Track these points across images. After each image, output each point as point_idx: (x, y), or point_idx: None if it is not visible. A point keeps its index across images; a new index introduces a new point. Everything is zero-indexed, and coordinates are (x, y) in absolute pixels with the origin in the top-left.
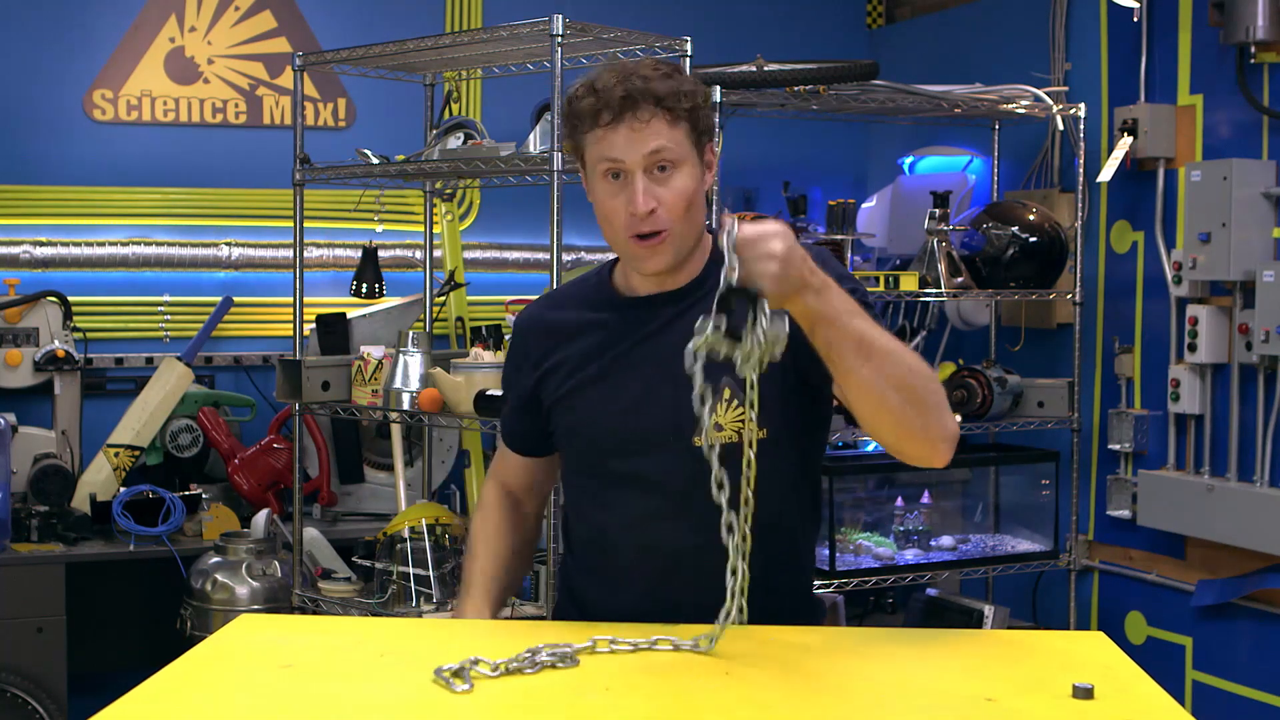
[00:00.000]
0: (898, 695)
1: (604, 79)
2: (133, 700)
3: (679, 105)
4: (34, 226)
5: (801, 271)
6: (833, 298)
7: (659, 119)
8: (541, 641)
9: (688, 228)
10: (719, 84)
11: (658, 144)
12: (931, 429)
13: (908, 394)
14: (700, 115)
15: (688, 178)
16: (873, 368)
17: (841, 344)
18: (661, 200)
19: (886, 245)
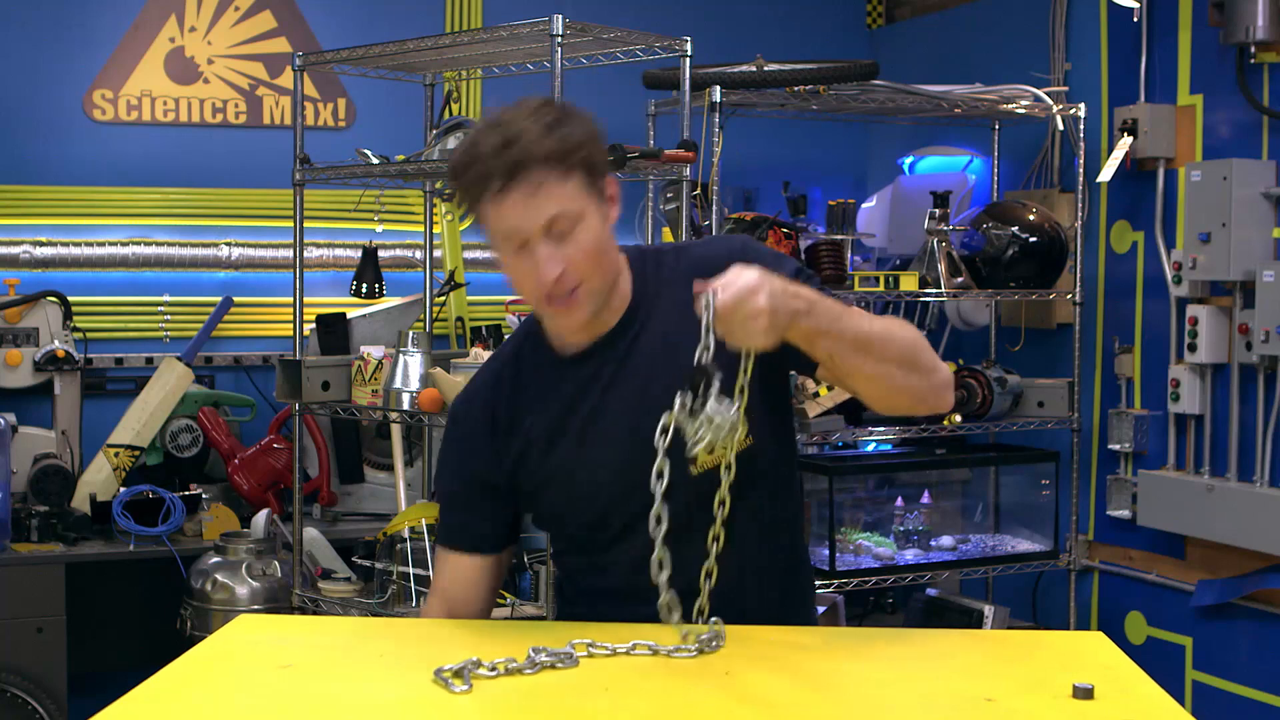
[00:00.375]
0: (898, 695)
1: (486, 141)
2: (133, 700)
3: (568, 160)
4: (34, 226)
5: (789, 306)
6: (821, 310)
7: (550, 180)
8: (541, 641)
9: (601, 276)
10: (719, 84)
11: (554, 210)
12: (936, 382)
13: (909, 364)
14: (592, 159)
15: (591, 230)
16: (874, 358)
17: (842, 349)
18: (568, 260)
19: (886, 245)
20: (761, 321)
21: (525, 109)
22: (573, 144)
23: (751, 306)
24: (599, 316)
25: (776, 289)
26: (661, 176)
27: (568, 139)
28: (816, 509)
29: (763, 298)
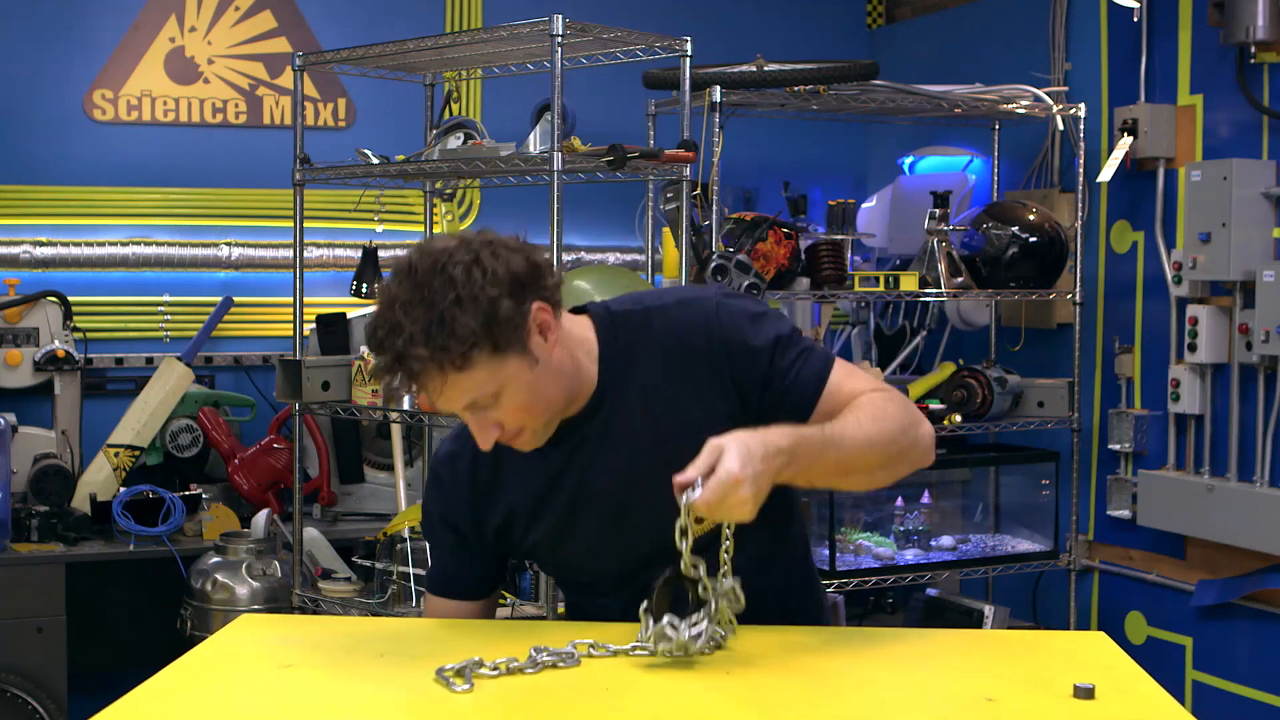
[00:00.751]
0: (898, 695)
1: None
2: (133, 700)
3: (461, 352)
4: (34, 226)
5: (771, 472)
6: (801, 452)
7: (450, 376)
8: (541, 641)
9: (543, 414)
10: (719, 84)
11: (466, 399)
12: (916, 458)
13: (891, 461)
14: (496, 326)
15: (516, 389)
16: (855, 476)
17: (823, 478)
18: (501, 422)
19: (886, 245)
20: (745, 509)
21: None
22: (470, 332)
23: (734, 499)
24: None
25: (758, 470)
26: (661, 176)
27: (458, 334)
28: (816, 509)
29: (746, 489)
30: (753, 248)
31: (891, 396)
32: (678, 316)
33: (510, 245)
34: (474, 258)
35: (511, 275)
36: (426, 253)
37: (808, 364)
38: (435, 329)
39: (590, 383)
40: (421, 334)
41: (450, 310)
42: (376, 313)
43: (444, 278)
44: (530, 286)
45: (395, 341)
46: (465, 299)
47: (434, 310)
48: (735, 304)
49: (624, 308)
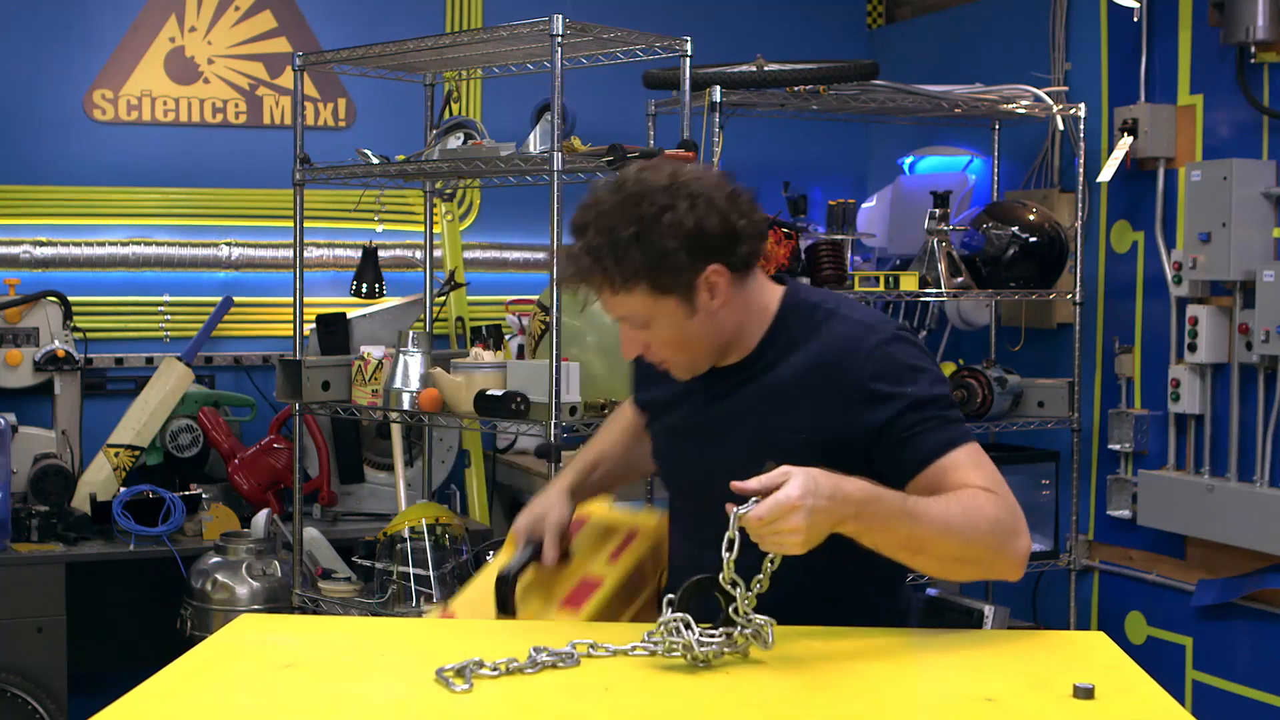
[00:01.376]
0: (898, 695)
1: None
2: (133, 700)
3: (626, 280)
4: (34, 226)
5: (834, 515)
6: (872, 511)
7: (607, 293)
8: (541, 641)
9: (693, 355)
10: (719, 84)
11: (621, 313)
12: (1000, 568)
13: (967, 559)
14: (663, 270)
15: (668, 328)
16: (925, 558)
17: (890, 547)
18: (646, 344)
19: (886, 245)
20: (796, 539)
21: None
22: (631, 270)
23: (786, 524)
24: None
25: (818, 506)
26: None
27: (626, 264)
28: None
29: (799, 518)
30: None
31: (999, 501)
32: (845, 334)
33: (717, 203)
34: (672, 204)
35: (699, 233)
36: (641, 179)
37: (932, 433)
38: (608, 250)
39: (749, 347)
40: (596, 248)
41: (627, 242)
42: (583, 204)
43: (637, 211)
44: (715, 249)
45: (576, 242)
46: (644, 237)
47: (615, 234)
48: (900, 349)
49: (813, 300)
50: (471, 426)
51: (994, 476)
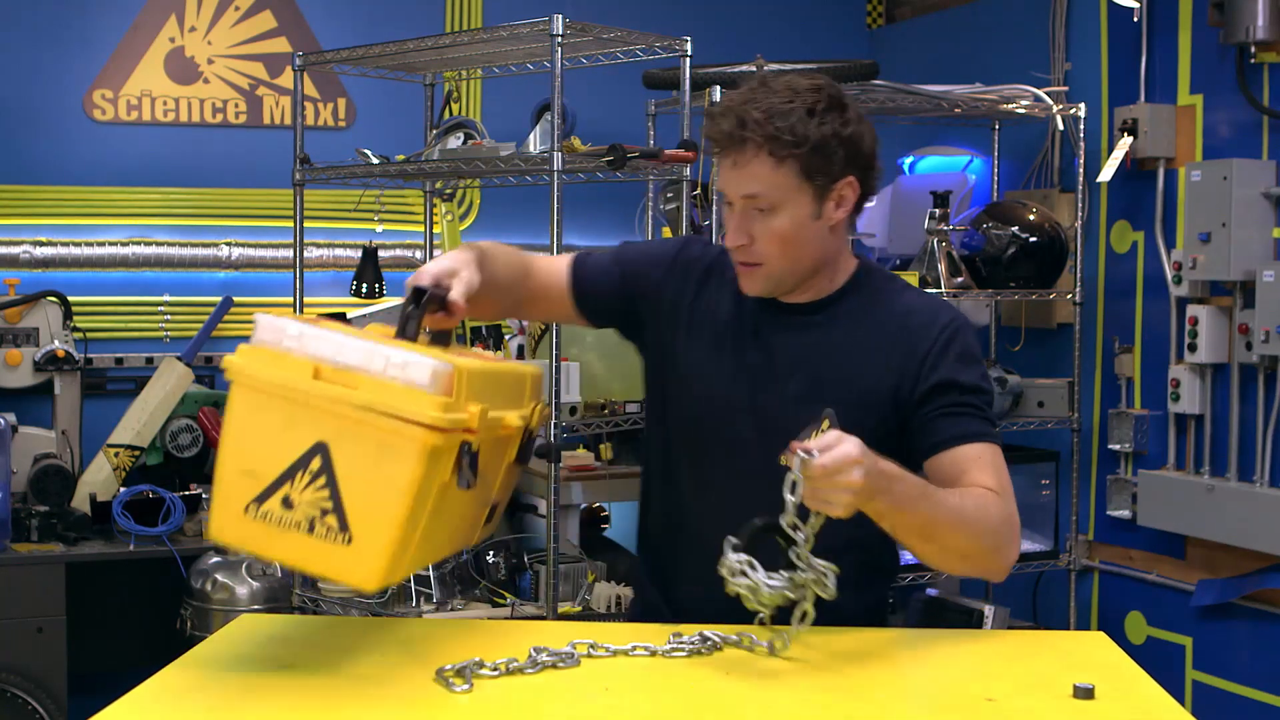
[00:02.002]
0: (898, 695)
1: (730, 98)
2: (133, 700)
3: (786, 147)
4: (34, 226)
5: (874, 486)
6: (899, 490)
7: (760, 159)
8: (541, 641)
9: (786, 263)
10: (719, 84)
11: (754, 188)
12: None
13: (967, 554)
14: (820, 156)
15: (788, 219)
16: (934, 546)
17: (906, 529)
18: (756, 237)
19: (886, 245)
20: (849, 496)
21: (792, 87)
22: (798, 137)
23: (846, 479)
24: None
25: (872, 467)
26: (662, 176)
27: (795, 131)
28: None
29: (859, 473)
30: None
31: (1005, 508)
32: (923, 303)
33: (871, 129)
34: (846, 108)
35: (858, 143)
36: (822, 81)
37: (970, 419)
38: (782, 119)
39: (830, 288)
40: (772, 111)
41: (803, 118)
42: (759, 78)
43: (817, 97)
44: (862, 166)
45: (750, 103)
46: (815, 121)
47: (795, 112)
48: (967, 337)
49: (887, 273)
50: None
51: (1006, 483)
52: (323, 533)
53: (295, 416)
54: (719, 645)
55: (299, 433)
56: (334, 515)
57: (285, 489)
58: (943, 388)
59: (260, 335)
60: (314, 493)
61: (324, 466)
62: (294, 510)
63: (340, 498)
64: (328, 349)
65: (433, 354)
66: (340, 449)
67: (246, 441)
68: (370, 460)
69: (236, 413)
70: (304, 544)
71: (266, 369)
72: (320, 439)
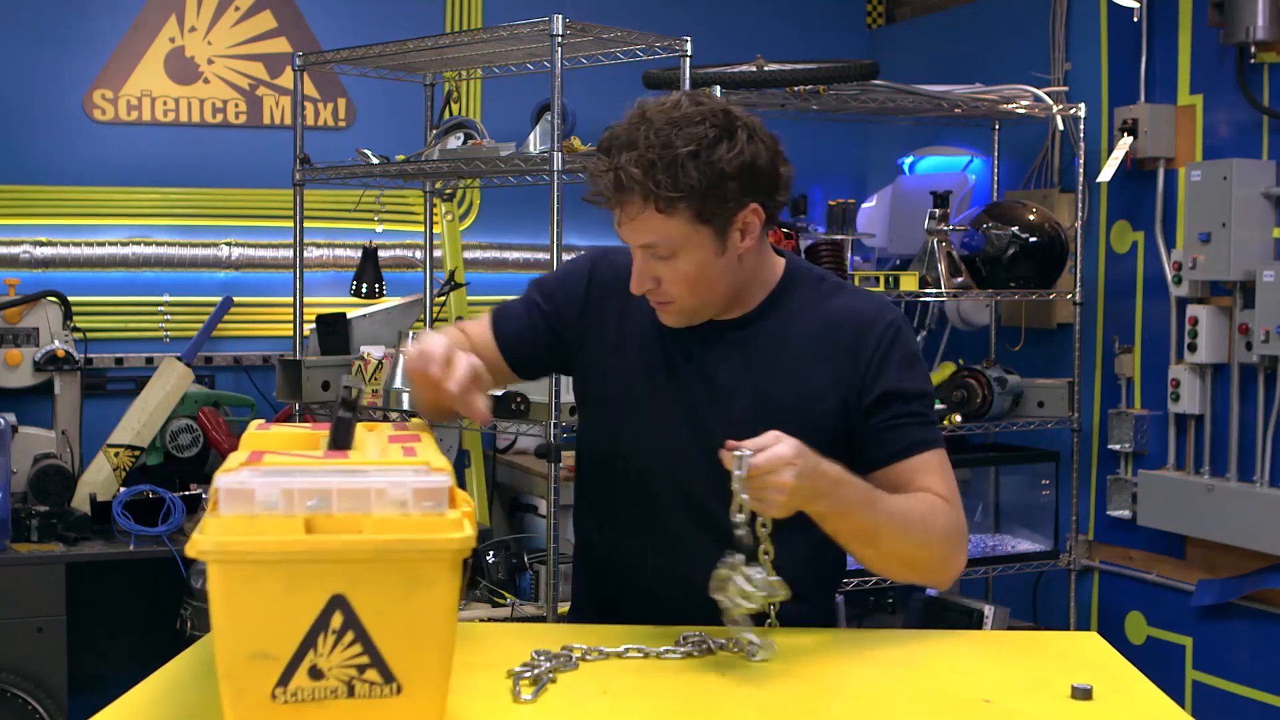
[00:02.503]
0: (896, 696)
1: (607, 144)
2: (133, 700)
3: (671, 200)
4: (34, 226)
5: (813, 487)
6: (842, 495)
7: (648, 214)
8: (539, 644)
9: (701, 299)
10: (719, 84)
11: (647, 239)
12: (936, 576)
13: (911, 562)
14: (712, 197)
15: (690, 263)
16: (876, 551)
17: (849, 534)
18: (661, 278)
19: (886, 245)
20: (782, 496)
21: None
22: (682, 188)
23: (777, 479)
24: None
25: (807, 468)
26: None
27: (678, 182)
28: None
29: (790, 474)
30: None
31: (953, 515)
32: (857, 305)
33: (769, 144)
34: (732, 132)
35: (752, 169)
36: (700, 103)
37: (915, 428)
38: (662, 164)
39: (751, 304)
40: (649, 162)
41: (685, 160)
42: (626, 120)
43: (696, 131)
44: (762, 189)
45: (625, 154)
46: (703, 159)
47: (671, 151)
48: (909, 336)
49: (816, 273)
50: (471, 427)
51: (954, 488)
52: (366, 691)
53: (297, 577)
54: (712, 649)
55: (307, 594)
56: (374, 669)
57: (309, 659)
58: (888, 399)
59: (227, 507)
60: (343, 652)
61: (348, 621)
62: (326, 679)
63: (376, 648)
64: (311, 500)
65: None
66: (361, 596)
67: (247, 621)
68: (399, 597)
69: (225, 592)
70: (346, 710)
71: (250, 539)
72: (335, 592)
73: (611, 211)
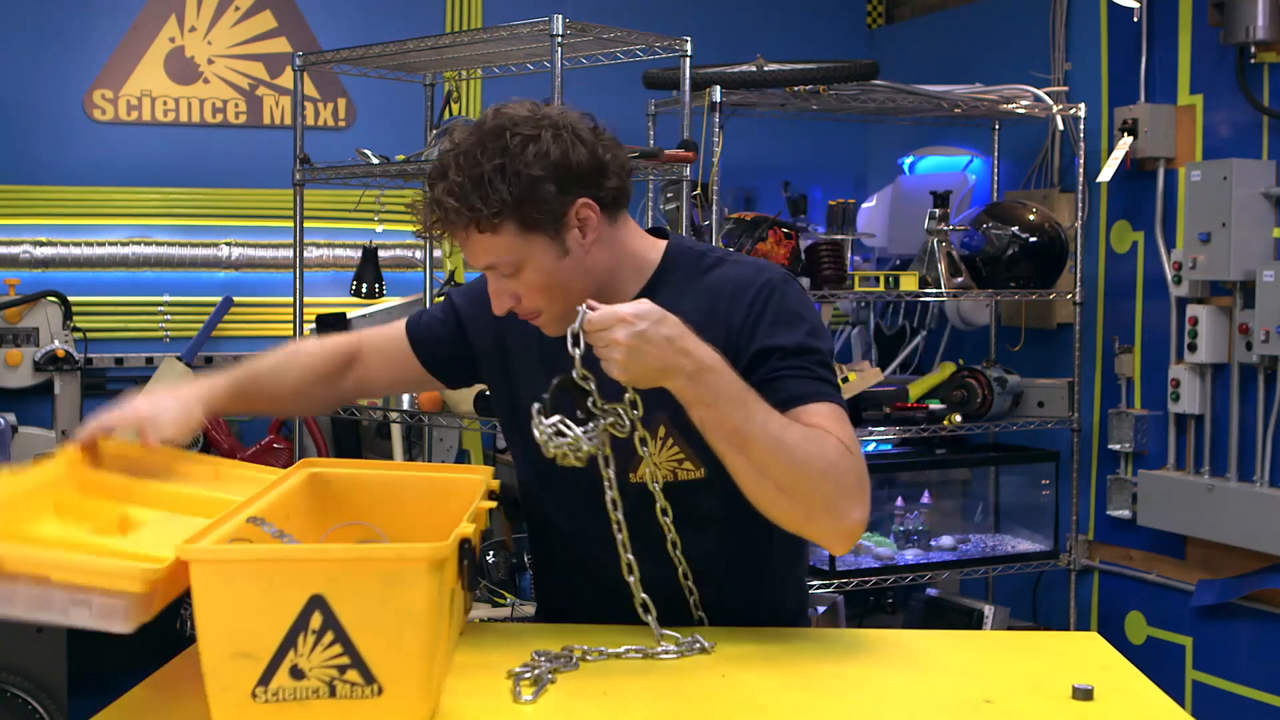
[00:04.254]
0: (896, 697)
1: (427, 176)
2: (132, 700)
3: (490, 219)
4: (34, 226)
5: (663, 358)
6: (711, 383)
7: (475, 236)
8: (538, 645)
9: (566, 302)
10: (719, 84)
11: (486, 260)
12: (818, 524)
13: (789, 490)
14: (530, 205)
15: (536, 272)
16: (746, 460)
17: (715, 431)
18: (520, 294)
19: (886, 245)
20: (617, 354)
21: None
22: (495, 205)
23: (608, 336)
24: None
25: (655, 335)
26: (661, 176)
27: (489, 200)
28: None
29: (622, 332)
30: (753, 248)
31: (848, 456)
32: (736, 275)
33: (582, 135)
34: (536, 134)
35: (566, 164)
36: (502, 113)
37: (788, 384)
38: (472, 187)
39: (627, 293)
40: (459, 187)
41: (492, 175)
42: (440, 151)
43: (499, 143)
44: (583, 181)
45: (438, 185)
46: (509, 170)
47: (478, 170)
48: (789, 292)
49: (698, 249)
50: (471, 426)
51: (852, 437)
52: (347, 691)
53: (276, 577)
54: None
55: (286, 594)
56: (354, 669)
57: (290, 659)
58: (763, 355)
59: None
60: (324, 653)
61: (327, 621)
62: (307, 679)
63: (356, 648)
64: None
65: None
66: (339, 597)
67: (228, 621)
68: (377, 599)
69: (206, 592)
70: (329, 710)
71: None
72: (314, 592)
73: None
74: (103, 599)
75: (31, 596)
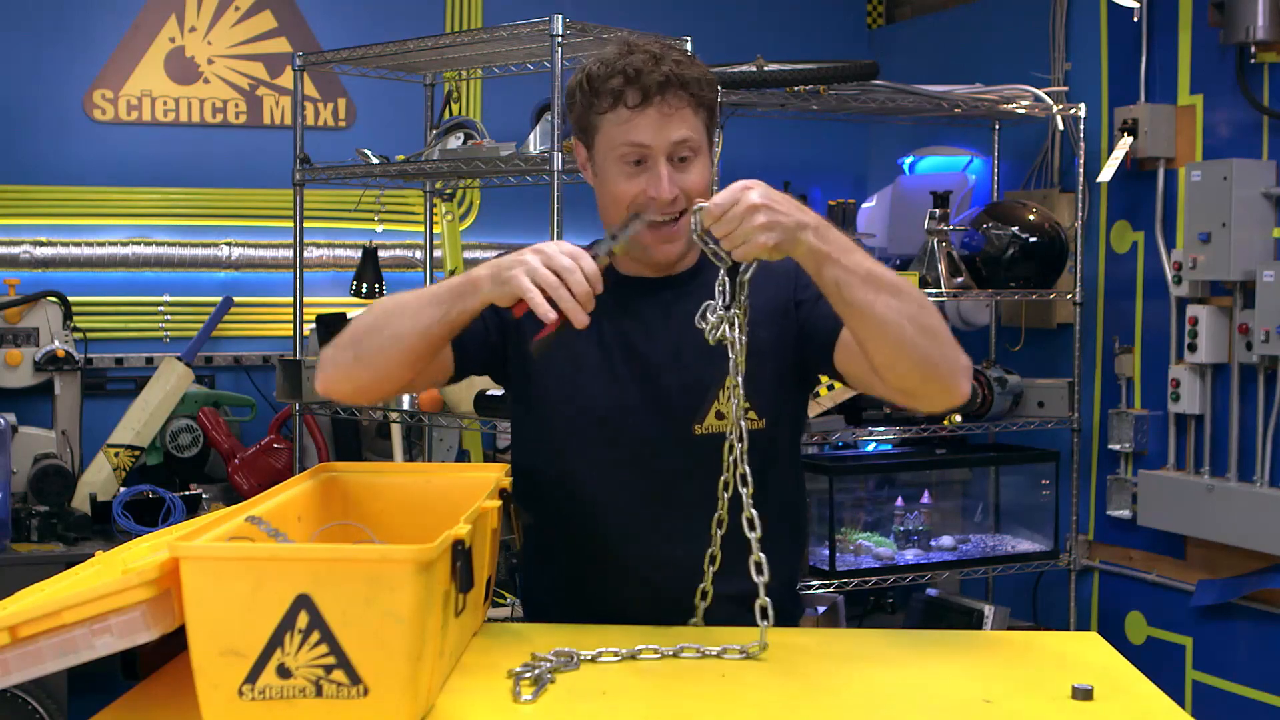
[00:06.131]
0: (895, 697)
1: (634, 60)
2: (133, 700)
3: (704, 94)
4: (34, 226)
5: (794, 217)
6: (833, 235)
7: (687, 107)
8: (537, 645)
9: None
10: (719, 84)
11: (684, 133)
12: (951, 361)
13: (922, 328)
14: (715, 105)
15: (703, 169)
16: (885, 302)
17: (850, 280)
18: (684, 188)
19: (886, 245)
20: (759, 218)
21: (661, 41)
22: (709, 82)
23: (742, 205)
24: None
25: (778, 195)
26: None
27: (706, 76)
28: (817, 509)
29: (756, 194)
30: None
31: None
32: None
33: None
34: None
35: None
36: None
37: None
38: (688, 64)
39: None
40: (681, 58)
41: (704, 71)
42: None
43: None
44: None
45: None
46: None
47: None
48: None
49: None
50: (471, 427)
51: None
52: (333, 691)
53: (263, 576)
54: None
55: (273, 592)
56: (340, 669)
57: (277, 657)
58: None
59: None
60: (310, 652)
61: (313, 621)
62: (294, 677)
63: (342, 648)
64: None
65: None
66: (325, 596)
67: (216, 618)
68: (362, 599)
69: (195, 589)
70: (316, 710)
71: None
72: (300, 591)
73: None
74: (120, 618)
75: (55, 647)
